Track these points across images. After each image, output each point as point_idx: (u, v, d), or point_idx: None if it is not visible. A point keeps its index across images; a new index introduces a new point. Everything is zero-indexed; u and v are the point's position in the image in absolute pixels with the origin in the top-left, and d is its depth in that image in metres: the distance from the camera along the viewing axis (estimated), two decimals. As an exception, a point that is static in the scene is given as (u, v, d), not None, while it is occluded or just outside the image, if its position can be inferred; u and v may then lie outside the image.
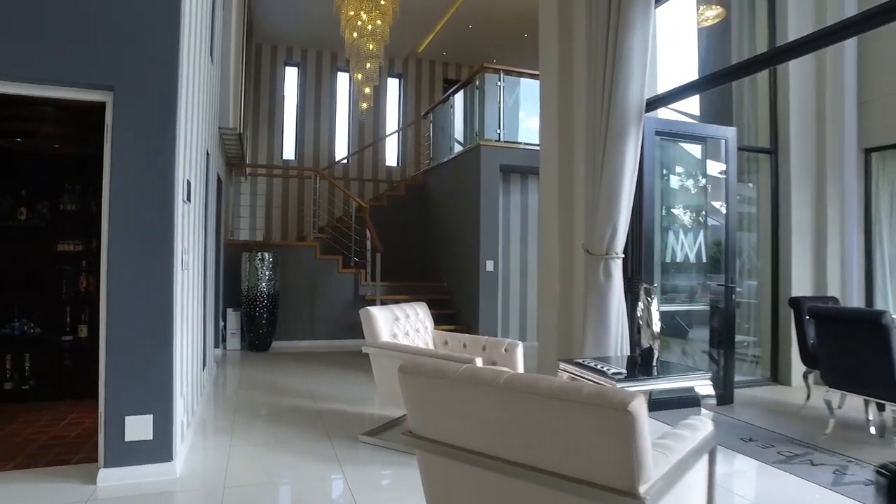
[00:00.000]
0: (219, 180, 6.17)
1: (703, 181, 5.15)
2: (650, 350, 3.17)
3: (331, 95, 10.31)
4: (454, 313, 7.25)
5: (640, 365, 3.22)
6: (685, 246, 4.83)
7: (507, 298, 7.61)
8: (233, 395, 4.90)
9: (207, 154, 4.77)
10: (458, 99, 7.99)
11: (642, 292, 3.26)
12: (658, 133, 4.57)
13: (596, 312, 4.13)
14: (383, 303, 7.04)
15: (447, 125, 8.31)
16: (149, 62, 3.04)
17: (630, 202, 4.11)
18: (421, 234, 8.67)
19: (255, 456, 3.41)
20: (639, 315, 3.27)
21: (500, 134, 7.05)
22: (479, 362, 3.18)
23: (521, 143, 7.10)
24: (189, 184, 3.47)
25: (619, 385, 2.82)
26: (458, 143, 7.98)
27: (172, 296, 3.02)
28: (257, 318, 6.93)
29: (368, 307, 3.68)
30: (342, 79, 10.49)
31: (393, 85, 10.78)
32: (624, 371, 3.07)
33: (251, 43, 9.09)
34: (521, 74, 7.31)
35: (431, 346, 4.07)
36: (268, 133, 9.93)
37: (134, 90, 3.02)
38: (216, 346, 6.49)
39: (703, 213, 5.11)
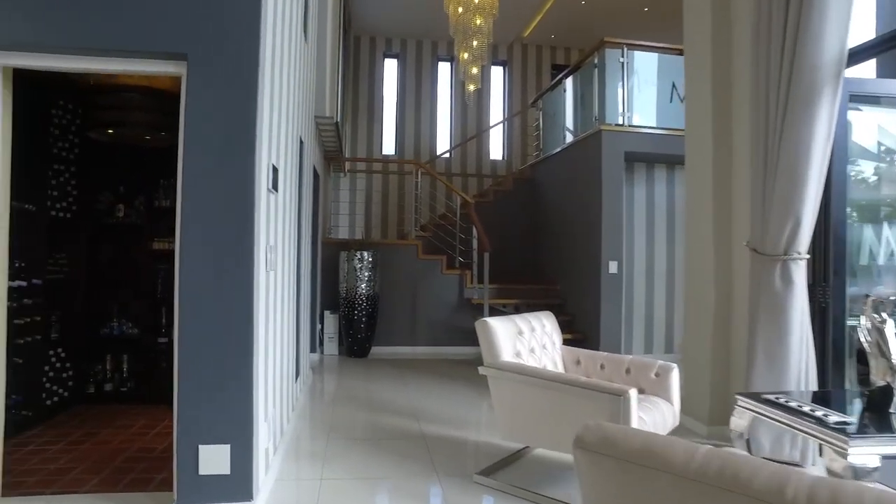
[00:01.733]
0: (315, 175, 5.76)
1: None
2: (889, 390, 2.23)
3: (431, 86, 9.80)
4: (569, 320, 6.42)
5: (872, 410, 2.28)
6: (891, 242, 3.73)
7: (631, 304, 6.67)
8: (328, 410, 4.40)
9: (301, 142, 4.31)
10: (571, 83, 7.15)
11: (868, 307, 2.33)
12: (855, 97, 3.52)
13: (770, 328, 3.21)
14: (492, 308, 6.36)
15: (558, 113, 7.48)
16: (226, 30, 2.55)
17: (820, 187, 3.16)
18: (530, 231, 7.90)
19: (350, 494, 2.83)
20: (864, 338, 2.34)
21: (624, 117, 6.14)
22: (633, 396, 2.40)
23: (647, 128, 6.15)
24: (275, 170, 2.96)
25: (853, 443, 1.94)
26: (569, 131, 7.14)
27: (253, 302, 2.50)
28: (356, 322, 6.48)
29: (486, 319, 3.00)
30: (443, 69, 9.94)
31: (497, 73, 10.09)
32: (850, 419, 2.17)
33: (349, 36, 8.75)
34: (649, 49, 6.35)
35: (560, 367, 3.32)
36: (367, 128, 9.58)
37: (210, 60, 2.54)
38: (312, 350, 6.09)
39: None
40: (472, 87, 6.37)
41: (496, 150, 10.04)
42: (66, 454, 3.43)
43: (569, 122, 7.20)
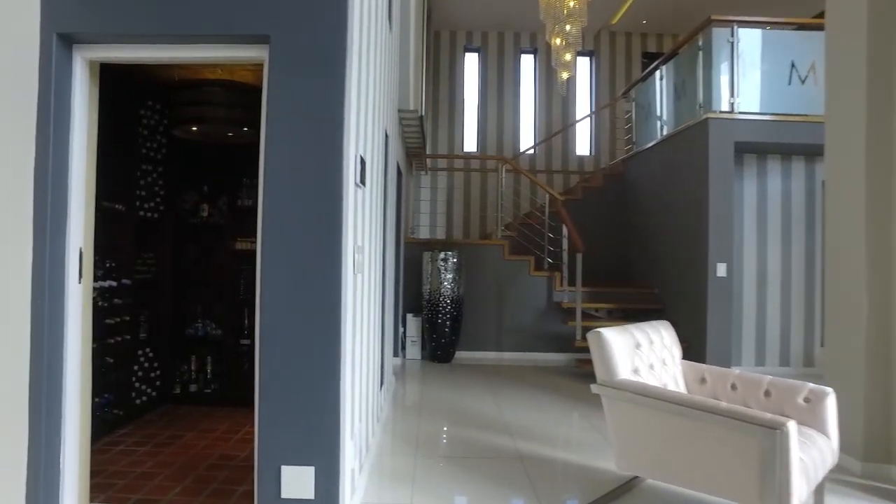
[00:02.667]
0: (399, 172, 5.54)
1: None
2: None
3: (514, 80, 9.41)
4: (669, 327, 5.85)
5: None
6: None
7: (740, 311, 6.02)
8: (414, 423, 4.13)
9: (386, 136, 4.07)
10: (668, 70, 6.56)
11: None
12: None
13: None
14: (584, 312, 5.91)
15: (653, 103, 6.90)
16: (310, 9, 2.32)
17: None
18: (621, 230, 7.36)
19: (443, 524, 2.53)
20: None
21: (734, 104, 5.52)
22: (792, 430, 1.94)
23: (759, 114, 5.50)
24: (363, 163, 2.71)
25: None
26: (662, 121, 6.55)
27: (341, 308, 2.24)
28: (440, 326, 6.21)
29: (600, 330, 2.61)
30: (526, 61, 9.54)
31: (583, 65, 9.56)
32: None
33: (429, 31, 8.53)
34: (762, 25, 5.69)
35: (682, 385, 2.87)
36: (448, 125, 9.33)
37: (293, 42, 2.31)
38: (395, 355, 5.89)
39: None
40: (564, 76, 5.94)
41: (583, 146, 9.52)
42: (152, 457, 3.40)
43: (666, 112, 6.61)
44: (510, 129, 9.37)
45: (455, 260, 6.20)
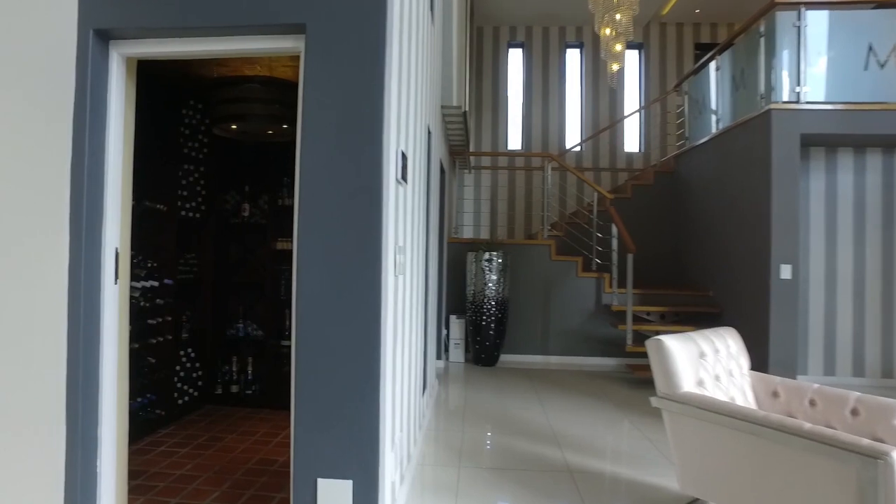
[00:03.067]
0: (441, 170, 5.40)
1: None
2: None
3: (559, 76, 9.15)
4: (728, 333, 5.51)
5: None
6: None
7: (806, 316, 5.62)
8: (457, 430, 3.97)
9: (429, 132, 3.92)
10: (723, 60, 6.19)
11: None
12: None
13: None
14: (636, 316, 5.64)
15: (706, 96, 6.54)
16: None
17: None
18: (675, 229, 7.02)
19: (489, 544, 2.36)
20: None
21: (799, 93, 5.14)
22: None
23: (828, 104, 5.10)
24: (404, 158, 2.56)
25: None
26: (718, 115, 6.19)
27: (381, 311, 2.10)
28: (484, 328, 6.03)
29: (661, 337, 2.38)
30: (572, 56, 9.26)
31: (631, 58, 9.21)
32: None
33: (472, 27, 8.35)
34: (834, 6, 5.28)
35: (752, 399, 2.61)
36: (491, 123, 9.14)
37: (331, 32, 2.18)
38: (437, 357, 5.74)
39: None
40: (615, 67, 5.67)
41: (632, 142, 9.17)
42: (192, 459, 3.38)
43: (722, 105, 6.25)
44: (555, 126, 9.10)
45: (500, 260, 6.02)
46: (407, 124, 2.75)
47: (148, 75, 3.72)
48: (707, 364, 2.43)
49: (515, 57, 9.33)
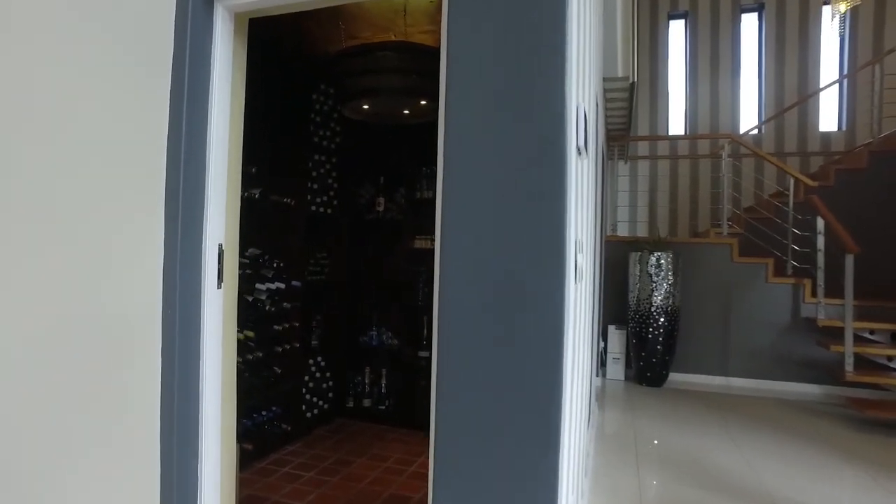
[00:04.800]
0: (602, 157, 4.57)
1: None
2: None
3: (732, 47, 7.81)
4: None
5: None
6: None
7: None
8: (631, 477, 3.14)
9: (597, 104, 3.16)
10: None
11: None
12: None
13: None
14: (856, 335, 4.39)
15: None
16: None
17: None
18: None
19: None
20: None
21: None
22: None
23: None
24: (585, 119, 1.84)
25: None
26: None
27: (563, 331, 1.40)
28: (650, 341, 5.09)
29: None
30: (748, 22, 7.87)
31: (825, 16, 7.61)
32: None
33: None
34: None
35: None
36: (649, 107, 8.04)
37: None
38: (595, 374, 4.91)
39: None
40: (842, 7, 4.43)
41: (828, 120, 7.57)
42: (316, 488, 2.99)
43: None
44: (726, 107, 7.78)
45: (669, 262, 5.04)
46: (583, 82, 2.03)
47: (274, 57, 3.36)
48: None
49: (676, 29, 8.15)
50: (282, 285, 3.41)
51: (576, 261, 1.56)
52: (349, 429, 3.87)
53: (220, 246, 2.00)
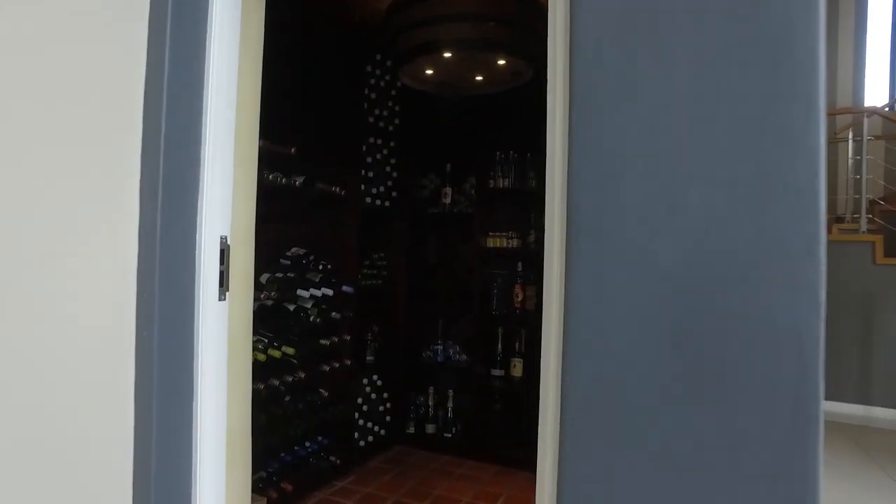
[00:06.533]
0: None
1: None
2: None
3: (857, 12, 6.71)
4: None
5: None
6: None
7: None
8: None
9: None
10: None
11: None
12: None
13: None
14: None
15: None
16: None
17: None
18: None
19: None
20: None
21: None
22: None
23: None
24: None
25: None
26: None
27: (818, 379, 0.76)
28: (767, 361, 4.22)
29: None
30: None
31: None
32: None
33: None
34: None
35: None
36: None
37: None
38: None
39: None
40: None
41: None
42: None
43: None
44: (846, 78, 6.69)
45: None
46: None
47: (320, 22, 2.83)
48: None
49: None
50: (330, 291, 2.85)
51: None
52: (410, 460, 3.29)
53: (224, 240, 1.44)
